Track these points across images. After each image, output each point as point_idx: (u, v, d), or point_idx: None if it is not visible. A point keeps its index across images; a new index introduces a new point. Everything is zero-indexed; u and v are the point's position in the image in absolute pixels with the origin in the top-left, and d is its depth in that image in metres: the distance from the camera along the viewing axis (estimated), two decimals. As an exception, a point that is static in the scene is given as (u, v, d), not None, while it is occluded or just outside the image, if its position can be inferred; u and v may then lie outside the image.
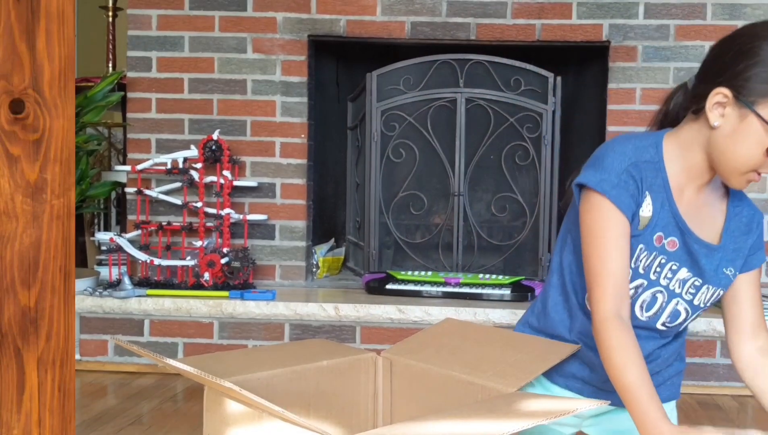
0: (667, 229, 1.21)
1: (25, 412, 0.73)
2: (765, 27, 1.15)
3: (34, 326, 0.73)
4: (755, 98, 1.11)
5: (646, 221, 1.20)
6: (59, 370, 0.75)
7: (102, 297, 2.84)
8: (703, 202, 1.25)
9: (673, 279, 1.23)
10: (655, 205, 1.20)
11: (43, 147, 0.72)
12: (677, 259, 1.22)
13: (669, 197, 1.20)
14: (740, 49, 1.14)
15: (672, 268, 1.23)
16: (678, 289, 1.24)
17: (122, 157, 3.48)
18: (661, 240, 1.21)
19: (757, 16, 2.98)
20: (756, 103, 1.11)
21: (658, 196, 1.20)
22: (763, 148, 1.12)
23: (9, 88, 0.70)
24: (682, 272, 1.23)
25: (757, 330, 1.30)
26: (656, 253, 1.21)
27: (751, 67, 1.12)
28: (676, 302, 1.25)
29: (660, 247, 1.21)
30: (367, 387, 1.25)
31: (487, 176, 3.18)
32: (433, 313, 2.74)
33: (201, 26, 3.11)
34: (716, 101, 1.14)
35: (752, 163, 1.14)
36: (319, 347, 1.30)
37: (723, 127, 1.15)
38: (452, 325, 1.38)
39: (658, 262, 1.22)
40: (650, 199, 1.19)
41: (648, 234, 1.20)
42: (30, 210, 0.72)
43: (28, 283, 0.73)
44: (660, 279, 1.23)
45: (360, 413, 1.25)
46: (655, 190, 1.19)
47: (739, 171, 1.16)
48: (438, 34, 3.09)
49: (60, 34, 0.72)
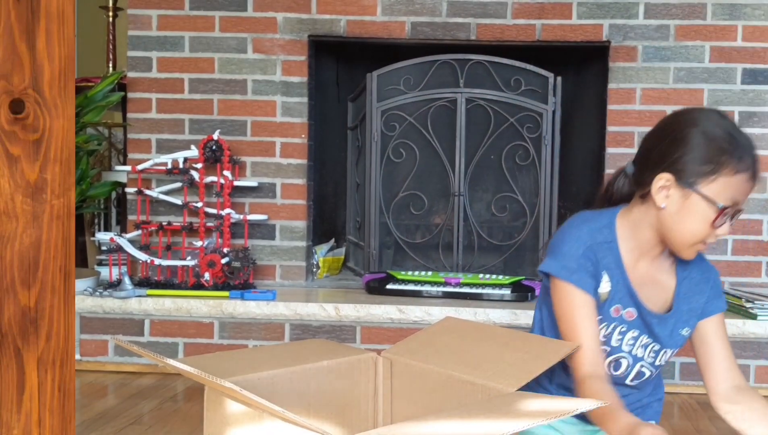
0: (623, 301, 1.34)
1: (25, 412, 0.73)
2: (692, 114, 1.32)
3: (34, 326, 0.73)
4: (695, 179, 1.25)
5: (605, 296, 1.33)
6: (59, 370, 0.75)
7: (102, 297, 2.84)
8: (656, 271, 1.38)
9: (635, 345, 1.37)
10: (612, 282, 1.33)
11: (43, 147, 0.72)
12: (636, 326, 1.36)
13: (623, 273, 1.34)
14: (674, 138, 1.29)
15: (633, 335, 1.36)
16: (640, 353, 1.38)
17: (122, 157, 3.48)
18: (619, 311, 1.35)
19: (757, 16, 2.98)
20: (696, 183, 1.25)
21: (613, 273, 1.33)
22: (708, 221, 1.26)
23: (9, 88, 0.70)
24: (643, 338, 1.37)
25: (730, 370, 1.40)
26: (615, 324, 1.35)
27: (687, 153, 1.26)
28: (640, 366, 1.39)
29: (618, 317, 1.35)
30: (367, 387, 1.25)
31: (487, 176, 3.18)
32: (433, 313, 2.74)
33: (201, 26, 3.11)
34: (660, 185, 1.28)
35: (700, 236, 1.28)
36: (320, 347, 1.30)
37: (669, 207, 1.29)
38: (452, 323, 1.38)
39: (618, 331, 1.35)
40: (607, 277, 1.33)
41: (606, 308, 1.34)
42: (30, 210, 0.72)
43: (28, 283, 0.73)
44: (622, 345, 1.36)
45: (360, 413, 1.25)
46: (611, 268, 1.33)
47: (688, 244, 1.30)
48: (438, 34, 3.09)
49: (60, 34, 0.72)
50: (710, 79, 3.01)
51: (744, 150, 1.26)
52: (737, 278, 3.03)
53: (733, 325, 2.68)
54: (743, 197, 1.27)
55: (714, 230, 1.27)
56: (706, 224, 1.26)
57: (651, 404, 1.50)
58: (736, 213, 1.28)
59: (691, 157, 1.26)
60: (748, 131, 1.20)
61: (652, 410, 1.51)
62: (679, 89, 3.02)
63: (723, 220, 1.26)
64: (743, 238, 3.02)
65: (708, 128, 1.27)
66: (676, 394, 2.68)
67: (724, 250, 3.02)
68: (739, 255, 3.03)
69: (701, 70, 3.01)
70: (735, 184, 1.25)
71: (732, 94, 3.01)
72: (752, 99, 3.00)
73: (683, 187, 1.27)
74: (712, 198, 1.25)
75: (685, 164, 1.26)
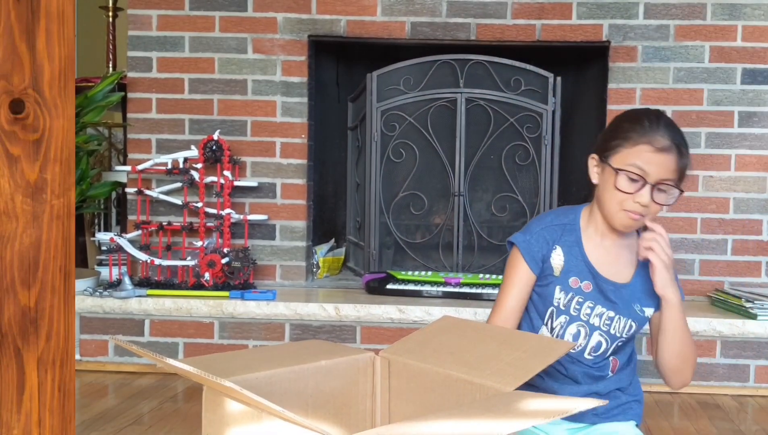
0: (581, 275, 1.53)
1: (25, 412, 0.74)
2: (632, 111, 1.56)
3: (34, 326, 0.74)
4: (608, 153, 1.49)
5: (559, 268, 1.53)
6: (59, 370, 0.75)
7: (102, 297, 2.84)
8: (621, 249, 1.55)
9: (591, 315, 1.53)
10: (567, 256, 1.53)
11: (43, 147, 0.72)
12: (593, 298, 1.53)
13: (581, 249, 1.53)
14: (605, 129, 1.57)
15: (589, 305, 1.53)
16: (596, 322, 1.53)
17: (122, 157, 3.48)
18: (577, 283, 1.53)
19: (757, 16, 2.98)
20: (608, 157, 1.49)
21: (571, 249, 1.53)
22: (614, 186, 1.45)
23: (9, 88, 0.70)
24: (598, 308, 1.53)
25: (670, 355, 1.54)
26: (573, 294, 1.53)
27: (605, 135, 1.53)
28: (597, 335, 1.53)
29: (576, 288, 1.53)
30: (365, 387, 1.25)
31: (487, 176, 3.18)
32: (433, 313, 2.74)
33: (201, 26, 3.11)
34: (592, 165, 1.54)
35: (615, 201, 1.46)
36: (318, 347, 1.30)
37: (599, 183, 1.52)
38: (450, 322, 1.38)
39: (576, 300, 1.52)
40: (561, 251, 1.53)
41: (563, 278, 1.53)
42: (30, 210, 0.72)
43: (28, 283, 0.73)
44: (580, 315, 1.53)
45: (358, 413, 1.25)
46: (569, 244, 1.53)
47: (611, 212, 1.48)
48: (438, 34, 3.09)
49: (60, 34, 0.72)
50: (710, 79, 3.01)
51: (648, 128, 1.45)
52: (737, 278, 3.03)
53: (733, 325, 2.68)
54: (654, 167, 1.43)
55: (630, 196, 1.44)
56: (614, 188, 1.46)
57: (630, 405, 1.57)
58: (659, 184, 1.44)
59: (606, 138, 1.52)
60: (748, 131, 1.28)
61: (633, 412, 1.57)
62: (679, 89, 3.02)
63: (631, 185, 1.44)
64: (743, 238, 3.02)
65: (625, 116, 1.53)
66: (675, 393, 2.68)
67: (724, 250, 3.03)
68: (738, 255, 3.03)
69: (701, 70, 3.01)
70: (636, 153, 1.44)
71: (732, 94, 3.01)
72: (752, 99, 3.00)
73: (602, 162, 1.51)
74: (614, 165, 1.46)
75: (603, 143, 1.52)
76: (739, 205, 3.02)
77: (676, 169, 1.45)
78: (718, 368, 2.72)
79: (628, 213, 1.46)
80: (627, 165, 1.45)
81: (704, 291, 3.03)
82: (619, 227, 1.50)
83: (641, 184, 1.44)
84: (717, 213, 3.03)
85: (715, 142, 3.02)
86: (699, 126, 3.01)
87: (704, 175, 3.03)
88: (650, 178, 1.44)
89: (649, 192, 1.44)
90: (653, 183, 1.44)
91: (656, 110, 1.51)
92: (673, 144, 1.45)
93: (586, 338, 1.53)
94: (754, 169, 3.01)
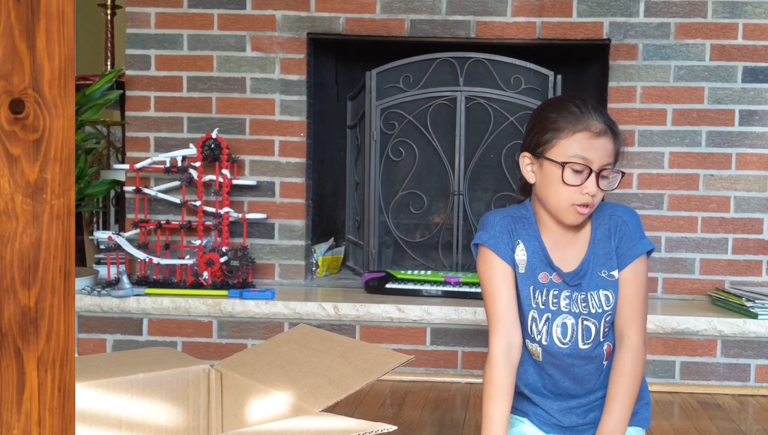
0: (546, 268, 1.50)
1: (25, 412, 0.73)
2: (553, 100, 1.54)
3: (34, 326, 0.73)
4: (542, 148, 1.45)
5: (523, 264, 1.50)
6: (59, 370, 0.75)
7: (100, 296, 2.83)
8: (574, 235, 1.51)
9: (570, 303, 1.49)
10: (528, 250, 1.50)
11: (43, 147, 0.72)
12: (564, 287, 1.49)
13: (540, 243, 1.50)
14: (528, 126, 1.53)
15: (566, 294, 1.49)
16: (576, 309, 1.49)
17: (121, 155, 3.47)
18: (547, 277, 1.50)
19: (758, 14, 2.98)
20: (544, 152, 1.44)
21: (530, 243, 1.50)
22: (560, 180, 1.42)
23: (9, 88, 0.69)
24: (574, 294, 1.49)
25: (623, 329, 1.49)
26: (546, 289, 1.49)
27: (533, 132, 1.48)
28: (582, 320, 1.49)
29: (548, 282, 1.49)
30: (197, 402, 1.20)
31: (487, 175, 3.18)
32: (433, 312, 2.74)
33: (200, 24, 3.11)
34: (525, 165, 1.50)
35: (564, 196, 1.43)
36: (154, 357, 1.25)
37: (537, 181, 1.49)
38: (301, 333, 1.37)
39: (552, 294, 1.49)
40: (523, 246, 1.50)
41: (531, 275, 1.49)
42: (30, 210, 0.72)
43: (28, 283, 0.73)
44: (561, 307, 1.49)
45: (189, 432, 1.20)
46: (528, 238, 1.50)
47: (560, 208, 1.45)
48: (438, 32, 3.08)
49: (60, 34, 0.71)
50: (711, 78, 3.01)
51: (580, 115, 1.42)
52: (738, 277, 3.03)
53: (734, 325, 2.68)
54: (595, 153, 1.40)
55: (578, 188, 1.41)
56: (560, 183, 1.42)
57: (636, 410, 1.50)
58: (601, 170, 1.41)
59: (535, 133, 1.47)
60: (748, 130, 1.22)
61: (639, 416, 1.52)
62: (680, 87, 3.01)
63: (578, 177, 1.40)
64: (743, 237, 3.02)
65: (548, 107, 1.49)
66: (676, 393, 2.68)
67: (725, 250, 3.02)
68: (739, 254, 3.03)
69: (702, 68, 3.01)
70: (576, 142, 1.41)
71: (732, 92, 3.00)
72: (753, 97, 3.00)
73: (537, 159, 1.47)
74: (555, 159, 1.42)
75: (533, 140, 1.47)
76: (739, 204, 3.02)
77: (613, 151, 1.43)
78: (719, 368, 2.72)
79: (576, 207, 1.43)
80: (569, 157, 1.41)
81: (705, 290, 3.03)
82: (569, 223, 1.47)
83: (587, 173, 1.41)
84: (718, 212, 3.03)
85: (715, 140, 3.01)
86: (700, 124, 3.01)
87: (705, 174, 3.02)
88: (594, 165, 1.41)
89: (595, 181, 1.41)
90: (597, 170, 1.41)
91: (578, 94, 1.49)
92: (606, 126, 1.43)
93: (574, 330, 1.48)
94: (755, 167, 3.01)
